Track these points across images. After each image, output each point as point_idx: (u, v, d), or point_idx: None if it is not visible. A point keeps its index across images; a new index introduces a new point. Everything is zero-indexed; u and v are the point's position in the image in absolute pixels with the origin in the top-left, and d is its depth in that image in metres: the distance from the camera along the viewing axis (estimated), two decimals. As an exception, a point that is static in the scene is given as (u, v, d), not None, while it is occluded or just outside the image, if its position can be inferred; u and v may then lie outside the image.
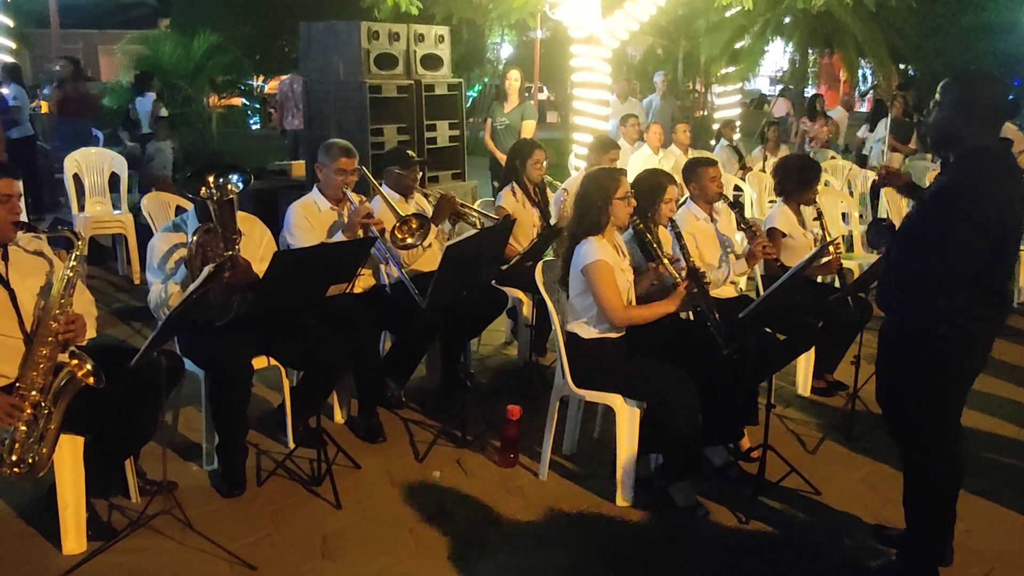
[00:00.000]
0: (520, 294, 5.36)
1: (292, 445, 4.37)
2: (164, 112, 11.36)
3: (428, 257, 4.96)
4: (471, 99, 20.18)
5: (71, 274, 3.44)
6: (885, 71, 16.20)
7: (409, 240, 4.75)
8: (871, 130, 10.79)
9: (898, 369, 3.25)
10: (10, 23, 15.22)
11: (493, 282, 5.17)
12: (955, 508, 3.32)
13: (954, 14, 16.79)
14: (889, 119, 10.76)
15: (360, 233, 4.57)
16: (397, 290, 4.69)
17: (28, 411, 3.28)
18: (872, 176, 9.36)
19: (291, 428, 4.42)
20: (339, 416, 4.81)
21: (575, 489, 4.14)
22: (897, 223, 6.92)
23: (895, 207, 7.51)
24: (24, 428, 3.27)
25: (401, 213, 4.80)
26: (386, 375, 4.91)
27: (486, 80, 21.60)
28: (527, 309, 5.39)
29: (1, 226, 3.42)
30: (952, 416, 3.26)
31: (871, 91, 15.25)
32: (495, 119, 8.56)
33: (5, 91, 10.28)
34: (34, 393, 3.31)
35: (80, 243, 3.49)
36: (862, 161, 10.75)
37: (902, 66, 18.28)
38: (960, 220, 2.98)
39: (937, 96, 3.19)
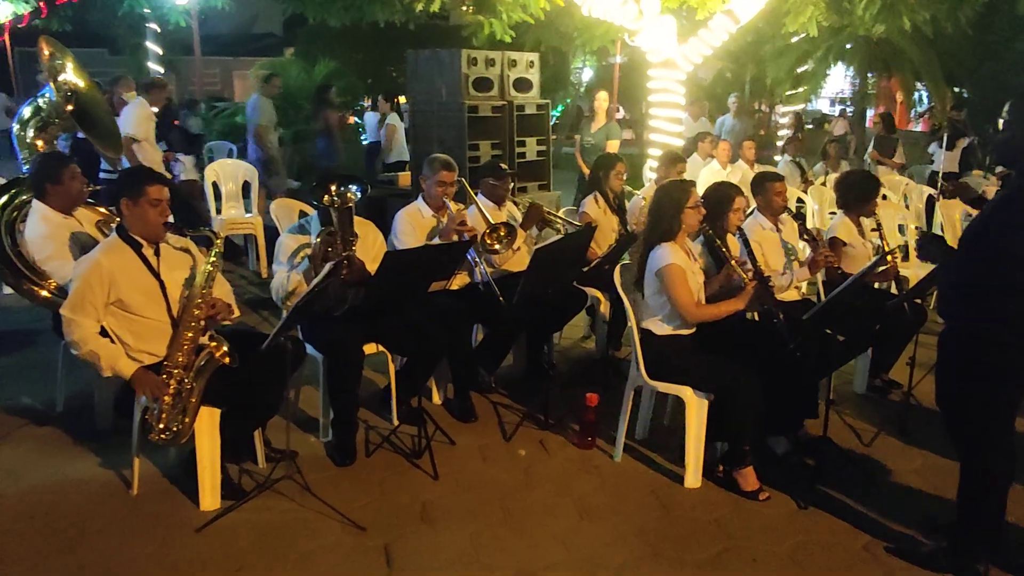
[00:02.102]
0: (598, 294, 5.32)
1: (396, 422, 4.45)
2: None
3: (517, 259, 5.00)
4: (555, 118, 20.17)
5: (212, 268, 3.56)
6: (940, 93, 15.61)
7: (496, 247, 4.78)
8: (948, 148, 10.46)
9: (959, 373, 3.12)
10: (160, 51, 15.86)
11: (574, 282, 5.16)
12: (1006, 501, 3.19)
13: (1008, 40, 16.01)
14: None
15: (455, 238, 4.62)
16: (489, 288, 4.72)
17: (173, 386, 3.41)
18: (928, 191, 9.05)
19: (395, 407, 4.49)
20: (437, 398, 4.86)
21: (647, 471, 4.10)
22: (949, 235, 6.71)
23: (948, 220, 7.23)
24: (169, 400, 3.40)
25: (492, 221, 4.84)
26: (478, 363, 4.94)
27: (568, 101, 21.57)
28: (604, 307, 5.36)
29: (154, 226, 3.56)
30: (1009, 417, 3.12)
31: (927, 112, 14.70)
32: (584, 138, 8.54)
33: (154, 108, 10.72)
34: (178, 370, 3.43)
35: (219, 241, 3.60)
36: (933, 178, 10.36)
37: (956, 89, 17.59)
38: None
39: (1004, 115, 3.05)
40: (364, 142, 12.85)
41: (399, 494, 3.80)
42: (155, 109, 7.99)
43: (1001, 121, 3.08)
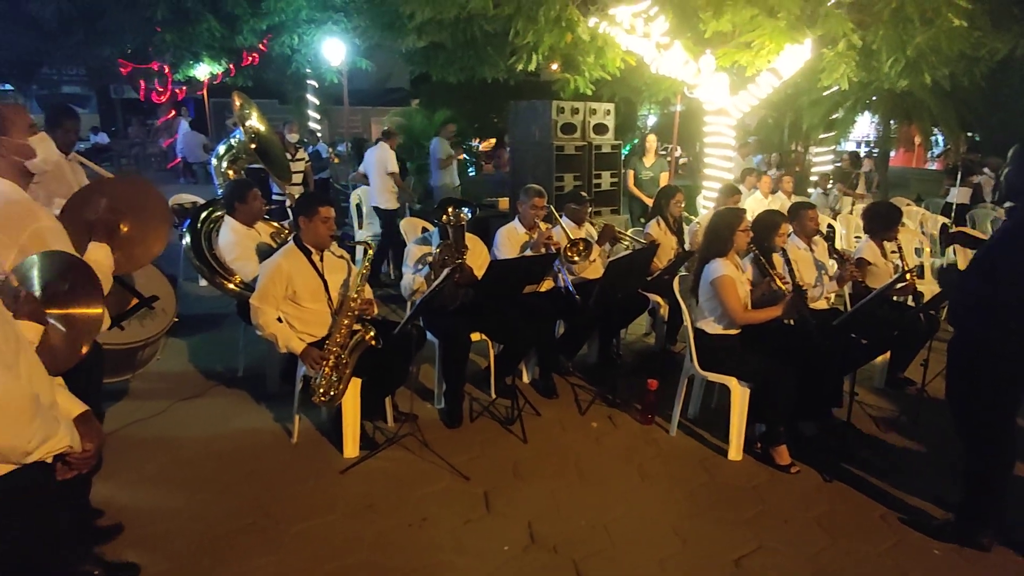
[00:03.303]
0: (659, 299, 5.25)
1: (494, 396, 4.49)
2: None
3: (593, 269, 4.97)
4: (624, 155, 19.95)
5: (365, 270, 3.66)
6: (954, 138, 14.71)
7: (576, 259, 4.77)
8: (961, 182, 9.95)
9: (966, 375, 2.96)
10: (317, 102, 16.44)
11: (640, 289, 5.11)
12: (1007, 483, 3.01)
13: (1017, 93, 14.95)
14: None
15: (543, 250, 4.63)
16: (568, 291, 4.72)
17: (332, 360, 3.52)
18: (942, 220, 8.59)
19: (494, 383, 4.53)
20: (526, 377, 4.88)
21: (696, 444, 4.03)
22: (960, 259, 6.34)
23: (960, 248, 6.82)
24: (329, 372, 3.51)
25: (573, 237, 4.83)
26: (560, 351, 4.94)
27: (635, 142, 21.27)
28: (664, 310, 5.27)
29: (323, 238, 3.68)
30: (1010, 413, 2.94)
31: (943, 153, 13.91)
32: (639, 171, 8.45)
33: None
34: (337, 348, 3.54)
35: (371, 251, 3.71)
36: (947, 208, 9.83)
37: (969, 133, 16.53)
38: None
39: (1008, 158, 2.90)
40: (470, 172, 12.99)
41: (496, 452, 3.84)
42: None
43: (1006, 163, 2.93)
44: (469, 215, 4.19)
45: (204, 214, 4.77)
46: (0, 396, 1.51)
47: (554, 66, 9.45)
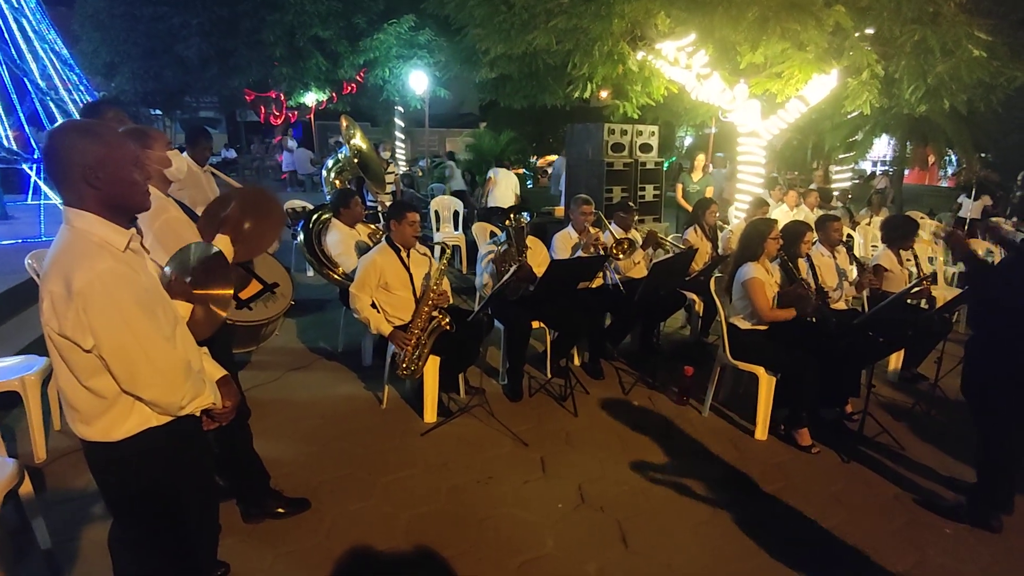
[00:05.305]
0: (695, 296, 5.11)
1: (550, 375, 4.47)
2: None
3: (638, 269, 4.89)
4: (664, 171, 19.53)
5: (443, 267, 3.70)
6: (968, 158, 13.83)
7: (621, 256, 4.70)
8: (975, 198, 9.40)
9: (983, 371, 2.79)
10: (403, 124, 16.69)
11: (678, 287, 4.99)
12: (1018, 469, 2.82)
13: (1032, 116, 13.94)
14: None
15: (592, 251, 4.59)
16: (616, 288, 4.66)
17: (414, 341, 3.58)
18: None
19: (550, 365, 4.51)
20: (577, 360, 4.82)
21: (726, 425, 3.92)
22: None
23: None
24: (411, 350, 3.57)
25: (618, 238, 4.77)
26: (607, 339, 4.87)
27: (673, 159, 20.82)
28: (699, 306, 5.14)
29: (409, 239, 3.74)
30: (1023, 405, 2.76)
31: (960, 172, 13.10)
32: (687, 185, 8.26)
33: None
34: (418, 331, 3.59)
35: (448, 251, 3.75)
36: (959, 223, 9.27)
37: (983, 155, 15.48)
38: None
39: (1020, 180, 2.72)
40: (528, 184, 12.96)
41: (551, 424, 3.83)
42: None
43: (1018, 184, 2.75)
44: (528, 219, 4.20)
45: (315, 216, 4.88)
46: (162, 363, 1.60)
47: (604, 93, 9.32)
